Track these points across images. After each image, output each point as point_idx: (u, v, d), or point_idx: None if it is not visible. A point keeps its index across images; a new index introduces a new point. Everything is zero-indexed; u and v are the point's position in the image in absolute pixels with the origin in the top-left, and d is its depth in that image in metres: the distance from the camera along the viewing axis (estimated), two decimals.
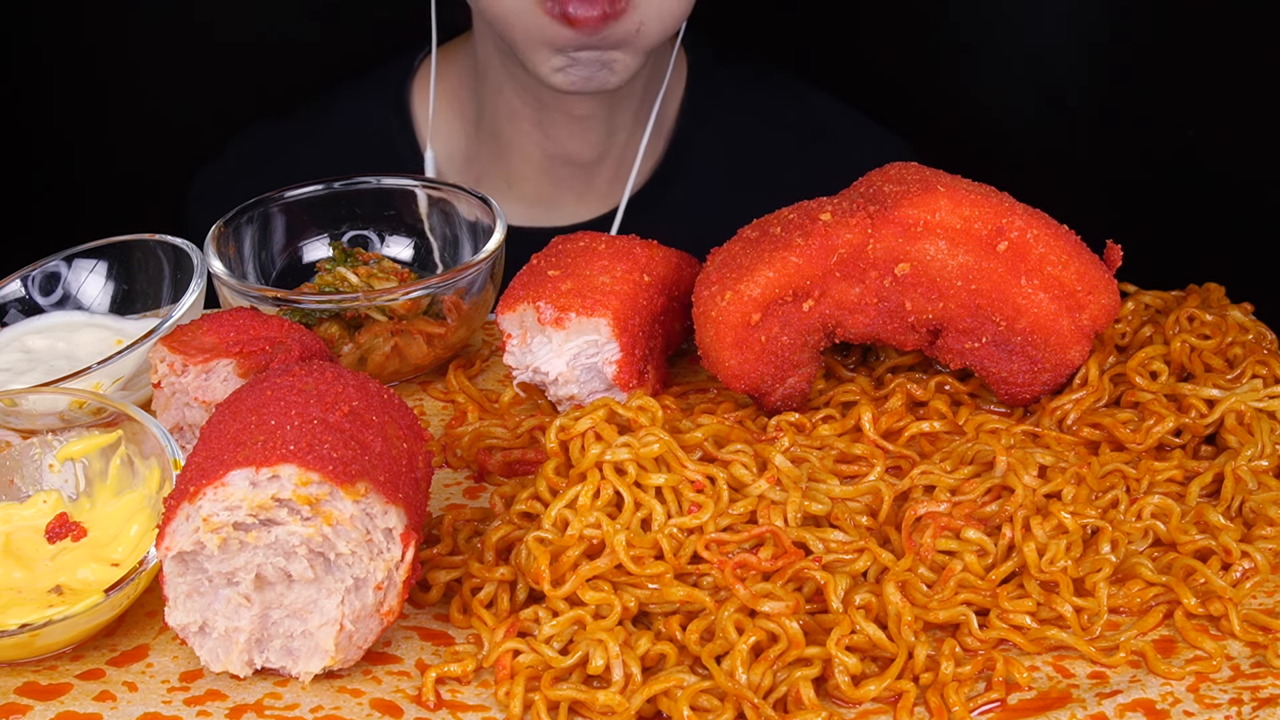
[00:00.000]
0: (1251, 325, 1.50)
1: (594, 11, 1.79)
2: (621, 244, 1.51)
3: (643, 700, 1.17)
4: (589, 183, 2.14)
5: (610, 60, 1.86)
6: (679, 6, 1.88)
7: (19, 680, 1.22)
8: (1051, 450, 1.38)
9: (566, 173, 2.12)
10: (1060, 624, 1.25)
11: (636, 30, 1.84)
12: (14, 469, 1.39)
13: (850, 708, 1.19)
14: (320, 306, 1.55)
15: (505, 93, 2.06)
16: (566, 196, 2.14)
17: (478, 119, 2.13)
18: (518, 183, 2.14)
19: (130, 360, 1.47)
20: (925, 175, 1.43)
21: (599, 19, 1.79)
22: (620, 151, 2.12)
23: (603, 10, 1.79)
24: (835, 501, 1.31)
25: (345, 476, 1.15)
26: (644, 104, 2.10)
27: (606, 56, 1.86)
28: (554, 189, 2.13)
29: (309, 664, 1.21)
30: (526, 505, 1.31)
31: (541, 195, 2.14)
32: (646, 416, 1.33)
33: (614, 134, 2.09)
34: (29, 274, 1.63)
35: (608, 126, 2.07)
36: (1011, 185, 1.44)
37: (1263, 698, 1.18)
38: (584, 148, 2.09)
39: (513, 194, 2.14)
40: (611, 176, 2.14)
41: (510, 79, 2.03)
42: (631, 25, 1.83)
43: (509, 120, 2.08)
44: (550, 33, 1.83)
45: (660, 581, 1.24)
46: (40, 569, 1.29)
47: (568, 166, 2.11)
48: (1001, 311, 1.40)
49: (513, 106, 2.06)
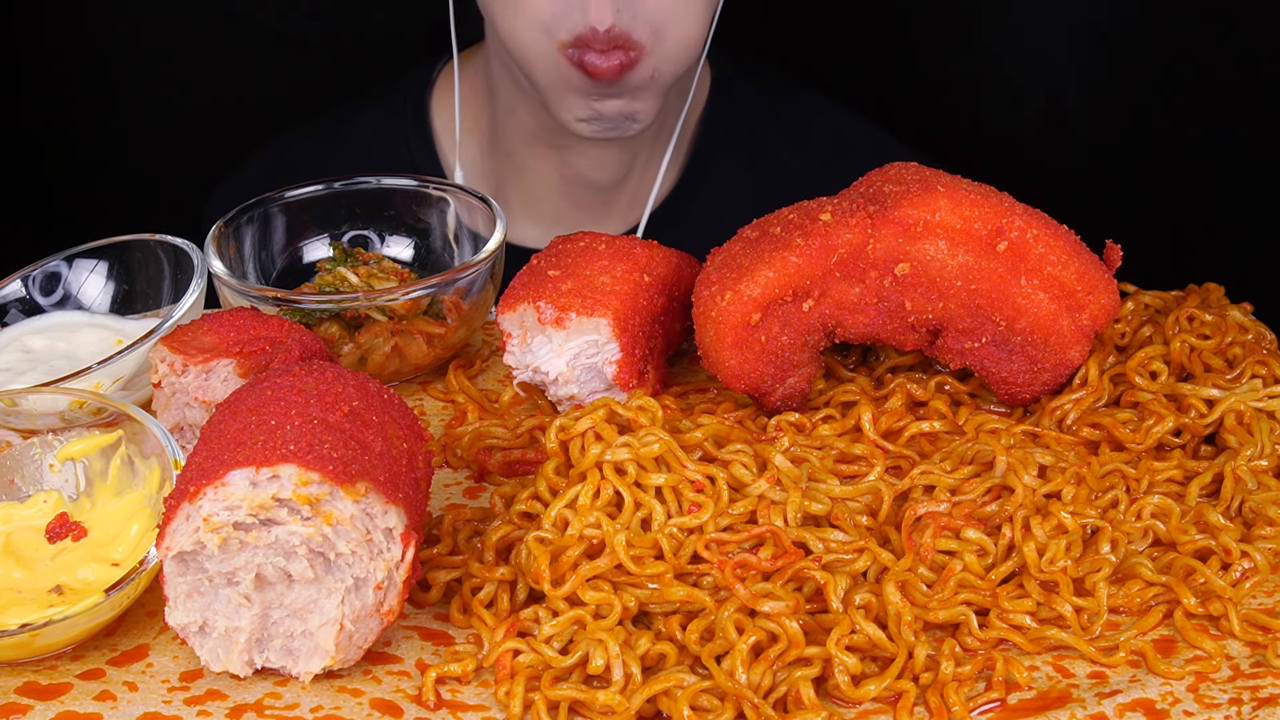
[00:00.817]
0: (1251, 325, 1.50)
1: (612, 63, 1.80)
2: (622, 244, 1.51)
3: (643, 700, 1.17)
4: (608, 205, 2.11)
5: (634, 113, 1.88)
6: (693, 47, 1.88)
7: (19, 680, 1.22)
8: (1051, 450, 1.38)
9: (584, 195, 2.10)
10: (1060, 624, 1.25)
11: (651, 76, 1.85)
12: (14, 469, 1.39)
13: (850, 708, 1.19)
14: (320, 306, 1.55)
15: (519, 114, 2.04)
16: (584, 217, 2.12)
17: (491, 135, 2.11)
18: (534, 204, 2.12)
19: (130, 360, 1.47)
20: (925, 175, 1.43)
21: (617, 70, 1.81)
22: (641, 172, 2.10)
23: (620, 62, 1.80)
24: (835, 501, 1.31)
25: (345, 476, 1.15)
26: (664, 126, 2.08)
27: (629, 110, 1.87)
28: (572, 210, 2.11)
29: (309, 664, 1.21)
30: (526, 505, 1.31)
31: (559, 216, 2.12)
32: (646, 416, 1.33)
33: (634, 157, 2.08)
34: (29, 274, 1.63)
35: (627, 151, 2.06)
36: (1011, 185, 1.44)
37: (1262, 697, 1.18)
38: (603, 173, 2.07)
39: (529, 215, 2.12)
40: (631, 198, 2.12)
41: (524, 101, 2.01)
42: (646, 72, 1.84)
43: (524, 143, 2.07)
44: (570, 77, 1.83)
45: (660, 581, 1.24)
46: (40, 569, 1.29)
47: (586, 189, 2.09)
48: (1001, 311, 1.40)
49: (527, 129, 2.05)
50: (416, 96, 2.15)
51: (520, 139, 2.07)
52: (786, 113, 2.18)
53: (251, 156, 2.22)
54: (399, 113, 2.16)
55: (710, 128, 2.14)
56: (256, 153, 2.22)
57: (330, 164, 2.09)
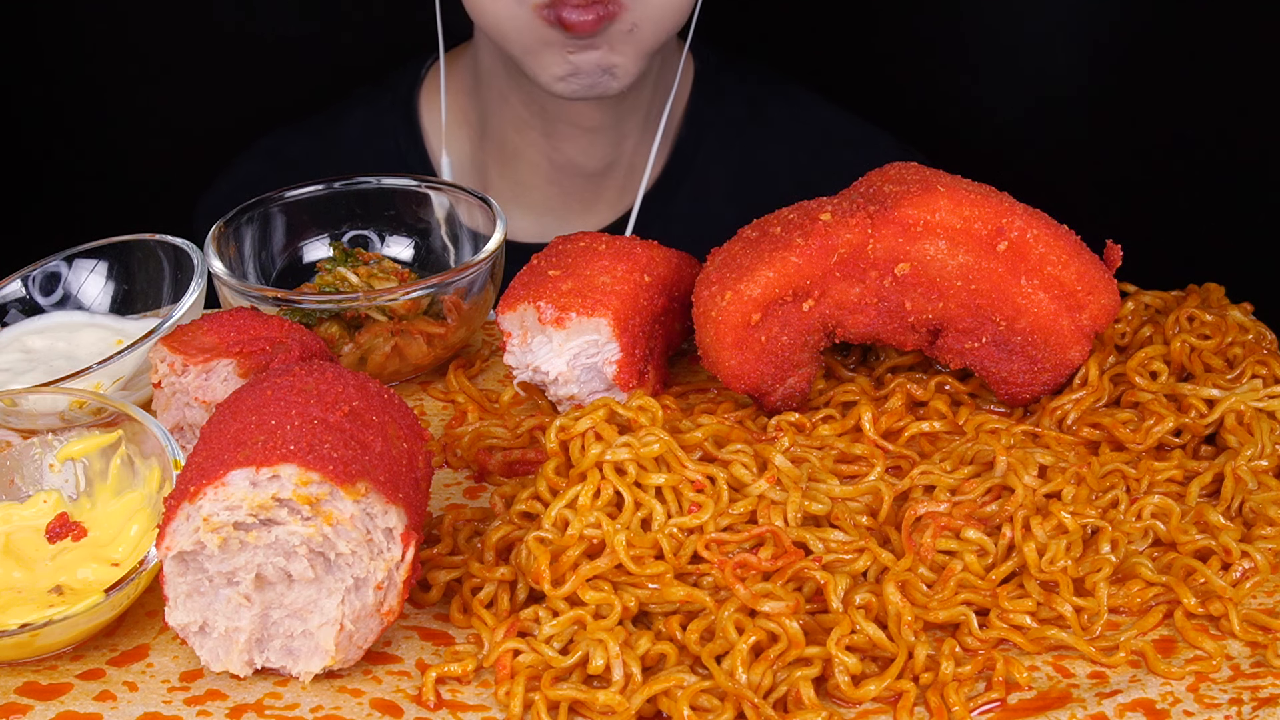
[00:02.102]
0: (1251, 325, 1.50)
1: (589, 16, 1.80)
2: (622, 244, 1.51)
3: (643, 700, 1.17)
4: (596, 192, 2.13)
5: (611, 66, 1.87)
6: (674, 8, 1.88)
7: (19, 680, 1.22)
8: (1051, 450, 1.38)
9: (573, 182, 2.12)
10: (1060, 624, 1.25)
11: (630, 30, 1.85)
12: (14, 469, 1.39)
13: (850, 708, 1.19)
14: (320, 306, 1.55)
15: (511, 102, 2.05)
16: (574, 206, 2.14)
17: (482, 128, 2.13)
18: (524, 192, 2.13)
19: (130, 360, 1.47)
20: (925, 175, 1.43)
21: (594, 23, 1.81)
22: (628, 160, 2.12)
23: (597, 14, 1.80)
24: (835, 501, 1.31)
25: (345, 476, 1.15)
26: (651, 113, 2.10)
27: (607, 61, 1.86)
28: (561, 198, 2.13)
29: (309, 664, 1.21)
30: (526, 505, 1.31)
31: (549, 204, 2.13)
32: (646, 416, 1.33)
33: (621, 143, 2.09)
34: (29, 274, 1.63)
35: (614, 136, 2.07)
36: (1011, 185, 1.44)
37: (1263, 698, 1.18)
38: (591, 158, 2.09)
39: (519, 203, 2.13)
40: (619, 186, 2.14)
41: (516, 89, 2.03)
42: (624, 25, 1.84)
43: (515, 130, 2.08)
44: (546, 35, 1.83)
45: (660, 581, 1.24)
46: (40, 569, 1.29)
47: (575, 176, 2.11)
48: (1001, 311, 1.40)
49: (520, 116, 2.06)
50: (405, 94, 2.16)
51: (513, 126, 2.08)
52: (770, 104, 2.20)
53: (240, 158, 2.22)
54: (388, 110, 2.17)
55: (695, 119, 2.15)
56: (244, 154, 2.22)
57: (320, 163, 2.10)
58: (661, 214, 2.12)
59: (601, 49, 1.85)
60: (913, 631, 1.21)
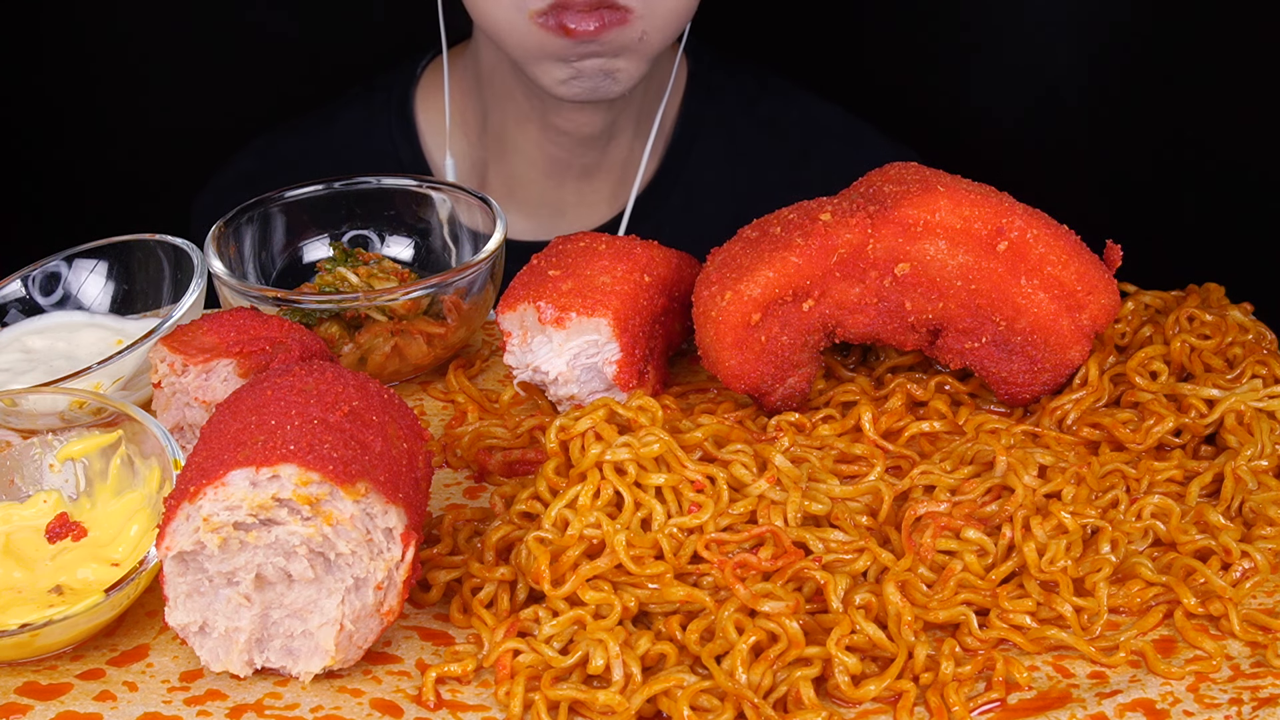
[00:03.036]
0: (1251, 325, 1.50)
1: (590, 25, 1.80)
2: (622, 244, 1.51)
3: (643, 700, 1.17)
4: (592, 190, 2.14)
5: (614, 70, 1.87)
6: (681, 13, 1.88)
7: (19, 680, 1.22)
8: (1051, 450, 1.38)
9: (569, 179, 2.12)
10: (1060, 624, 1.25)
11: (639, 38, 1.85)
12: (14, 469, 1.39)
13: (850, 708, 1.19)
14: (320, 306, 1.55)
15: (516, 98, 2.05)
16: (569, 203, 2.14)
17: (480, 126, 2.13)
18: (520, 188, 2.14)
19: (130, 360, 1.47)
20: (925, 175, 1.43)
21: (597, 30, 1.80)
22: (623, 157, 2.12)
23: (601, 21, 1.80)
24: (835, 501, 1.31)
25: (345, 476, 1.15)
26: (645, 111, 2.10)
27: (610, 66, 1.86)
28: (557, 194, 2.13)
29: (309, 664, 1.21)
30: (526, 505, 1.31)
31: (545, 201, 2.14)
32: (646, 416, 1.33)
33: (615, 140, 2.09)
34: (29, 274, 1.63)
35: (609, 134, 2.08)
36: (1011, 185, 1.44)
37: (1263, 698, 1.18)
38: (586, 156, 2.09)
39: (515, 200, 2.13)
40: (615, 184, 2.14)
41: (520, 85, 2.03)
42: (634, 33, 1.84)
43: (516, 126, 2.08)
44: (549, 45, 1.83)
45: (660, 581, 1.24)
46: (40, 569, 1.29)
47: (570, 173, 2.11)
48: (1001, 311, 1.40)
49: (522, 111, 2.06)
50: (401, 93, 2.16)
51: (514, 122, 2.08)
52: (764, 102, 2.20)
53: (234, 158, 2.22)
54: (383, 109, 2.17)
55: (689, 117, 2.15)
56: (238, 153, 2.22)
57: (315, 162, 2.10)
58: (655, 211, 2.13)
59: (605, 56, 1.86)
60: (913, 631, 1.21)
